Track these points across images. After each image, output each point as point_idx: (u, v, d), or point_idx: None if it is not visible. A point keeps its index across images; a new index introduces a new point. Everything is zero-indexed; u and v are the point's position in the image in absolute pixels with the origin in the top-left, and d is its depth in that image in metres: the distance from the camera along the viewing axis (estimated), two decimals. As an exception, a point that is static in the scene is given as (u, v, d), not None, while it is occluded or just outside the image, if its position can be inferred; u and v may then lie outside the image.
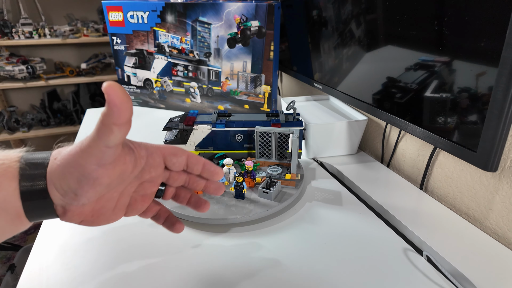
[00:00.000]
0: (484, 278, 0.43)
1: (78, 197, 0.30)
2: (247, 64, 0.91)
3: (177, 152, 0.36)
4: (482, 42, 0.41)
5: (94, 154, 0.28)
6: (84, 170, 0.28)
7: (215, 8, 0.88)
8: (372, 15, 0.60)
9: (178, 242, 0.50)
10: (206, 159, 0.38)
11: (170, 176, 0.37)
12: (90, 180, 0.29)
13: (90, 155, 0.28)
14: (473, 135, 0.44)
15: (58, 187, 0.29)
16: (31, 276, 0.44)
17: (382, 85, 0.61)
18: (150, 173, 0.35)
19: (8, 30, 1.93)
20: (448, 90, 0.48)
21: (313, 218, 0.55)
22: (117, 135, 0.27)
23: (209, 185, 0.39)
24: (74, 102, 2.22)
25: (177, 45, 0.97)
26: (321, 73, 0.83)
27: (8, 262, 1.70)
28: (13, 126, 2.07)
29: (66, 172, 0.29)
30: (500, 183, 0.52)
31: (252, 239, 0.51)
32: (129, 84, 1.10)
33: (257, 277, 0.44)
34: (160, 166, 0.35)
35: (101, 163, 0.28)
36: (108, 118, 0.27)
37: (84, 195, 0.30)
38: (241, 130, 0.66)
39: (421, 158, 0.67)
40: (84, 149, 0.28)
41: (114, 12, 1.00)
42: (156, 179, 0.36)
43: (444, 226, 0.53)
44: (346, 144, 0.76)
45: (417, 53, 0.52)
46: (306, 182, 0.66)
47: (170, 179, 0.37)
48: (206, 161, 0.38)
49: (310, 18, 0.82)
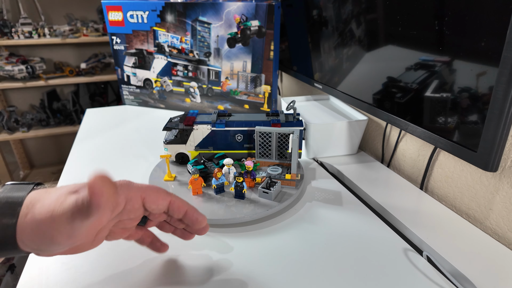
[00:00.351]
0: (485, 278, 0.43)
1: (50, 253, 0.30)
2: (247, 64, 0.91)
3: (158, 200, 0.35)
4: (482, 42, 0.41)
5: (64, 231, 0.28)
6: (54, 239, 0.28)
7: (215, 7, 0.88)
8: (372, 14, 0.60)
9: (178, 243, 0.50)
10: (191, 206, 0.37)
11: (150, 214, 0.37)
12: (60, 246, 0.29)
13: (60, 228, 0.28)
14: (473, 135, 0.44)
15: (29, 245, 0.29)
16: (31, 276, 0.44)
17: (382, 85, 0.61)
18: (128, 215, 0.35)
19: (8, 29, 1.93)
20: (449, 90, 0.47)
21: (313, 218, 0.55)
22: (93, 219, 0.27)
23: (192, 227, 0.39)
24: (73, 102, 2.21)
25: (177, 44, 0.97)
26: (321, 73, 0.83)
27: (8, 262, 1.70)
28: (12, 126, 2.07)
29: (35, 239, 0.28)
30: (500, 183, 0.52)
31: (252, 239, 0.51)
32: (129, 84, 1.10)
33: (257, 277, 0.44)
34: (140, 209, 0.35)
35: (72, 235, 0.28)
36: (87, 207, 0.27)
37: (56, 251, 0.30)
38: (241, 130, 0.66)
39: (421, 158, 0.67)
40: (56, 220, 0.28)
41: (113, 12, 1.00)
42: (136, 219, 0.36)
43: (444, 226, 0.53)
44: (346, 144, 0.76)
45: (417, 53, 0.52)
46: (306, 182, 0.66)
47: (151, 216, 0.38)
48: (190, 208, 0.37)
49: (310, 17, 0.82)
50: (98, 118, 1.04)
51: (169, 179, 0.63)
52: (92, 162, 0.76)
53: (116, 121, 1.01)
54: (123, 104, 1.16)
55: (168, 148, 0.68)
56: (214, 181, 0.57)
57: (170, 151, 0.68)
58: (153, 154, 0.79)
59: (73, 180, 0.68)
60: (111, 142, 0.86)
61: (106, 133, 0.92)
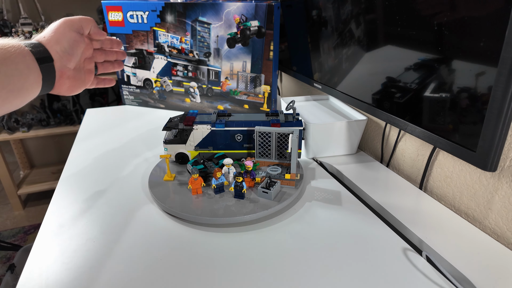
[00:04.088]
0: (484, 278, 0.43)
1: (68, 55, 0.47)
2: (246, 64, 0.91)
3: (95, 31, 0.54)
4: (481, 42, 0.41)
5: (78, 23, 0.49)
6: (70, 35, 0.48)
7: (214, 8, 0.88)
8: (371, 15, 0.60)
9: (178, 242, 0.50)
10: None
11: (94, 55, 0.56)
12: (74, 42, 0.48)
13: (73, 27, 0.48)
14: (472, 134, 0.44)
15: (58, 50, 0.46)
16: (31, 276, 0.44)
17: (381, 85, 0.61)
18: (88, 51, 0.54)
19: (8, 30, 1.93)
20: (448, 90, 0.48)
21: (313, 217, 0.56)
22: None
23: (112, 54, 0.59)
24: (74, 102, 2.21)
25: (176, 45, 0.97)
26: (321, 73, 0.83)
27: (8, 262, 1.70)
28: (12, 126, 2.07)
29: (60, 38, 0.46)
30: (499, 183, 0.52)
31: (252, 239, 0.51)
32: (129, 84, 1.10)
33: (256, 277, 0.44)
34: (90, 45, 0.54)
35: (80, 32, 0.49)
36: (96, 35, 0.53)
37: (74, 55, 0.48)
38: (241, 130, 0.66)
39: (420, 158, 0.67)
40: (69, 24, 0.48)
41: (113, 12, 1.00)
42: (91, 58, 0.56)
43: (443, 226, 0.53)
44: (346, 144, 0.76)
45: (416, 53, 0.52)
46: (306, 182, 0.67)
47: (96, 57, 0.57)
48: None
49: (310, 18, 0.82)
50: (98, 118, 1.05)
51: (169, 179, 0.63)
52: (92, 162, 0.76)
53: (116, 121, 1.01)
54: (123, 104, 1.16)
55: (168, 148, 0.68)
56: (213, 181, 0.58)
57: (170, 151, 0.68)
58: (153, 154, 0.79)
59: (73, 180, 0.68)
60: (111, 142, 0.87)
61: (106, 133, 0.92)
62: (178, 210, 0.54)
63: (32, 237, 1.83)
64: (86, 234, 0.52)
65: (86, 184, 0.67)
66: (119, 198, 0.61)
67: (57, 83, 0.47)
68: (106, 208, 0.59)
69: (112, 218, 0.56)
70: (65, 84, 0.48)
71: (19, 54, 0.40)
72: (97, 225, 0.54)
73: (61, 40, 0.46)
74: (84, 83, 0.53)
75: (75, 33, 0.48)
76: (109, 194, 0.63)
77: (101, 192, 0.64)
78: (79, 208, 0.59)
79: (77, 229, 0.53)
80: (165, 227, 0.54)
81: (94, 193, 0.64)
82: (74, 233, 0.52)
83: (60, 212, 0.58)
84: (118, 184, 0.66)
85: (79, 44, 0.49)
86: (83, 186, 0.66)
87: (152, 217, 0.56)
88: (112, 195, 0.62)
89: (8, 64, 0.39)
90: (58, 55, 0.46)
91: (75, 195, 0.63)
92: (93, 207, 0.59)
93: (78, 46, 0.49)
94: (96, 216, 0.56)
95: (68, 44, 0.47)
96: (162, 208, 0.57)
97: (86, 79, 0.53)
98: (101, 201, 0.61)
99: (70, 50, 0.47)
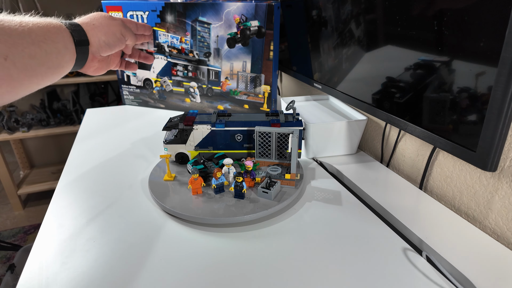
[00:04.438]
0: (484, 278, 0.43)
1: (108, 48, 0.53)
2: (246, 64, 0.91)
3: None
4: (481, 42, 0.41)
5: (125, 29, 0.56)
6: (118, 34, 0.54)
7: (214, 8, 0.88)
8: (371, 15, 0.60)
9: (178, 242, 0.50)
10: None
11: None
12: (118, 41, 0.54)
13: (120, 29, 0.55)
14: (472, 134, 0.44)
15: (102, 40, 0.51)
16: (31, 276, 0.44)
17: (381, 85, 0.61)
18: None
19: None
20: (448, 90, 0.48)
21: (313, 217, 0.56)
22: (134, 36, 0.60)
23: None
24: (74, 102, 2.21)
25: (176, 45, 0.97)
26: (321, 73, 0.83)
27: (8, 262, 1.70)
28: (12, 126, 2.07)
29: (108, 32, 0.52)
30: (499, 183, 0.52)
31: (252, 239, 0.51)
32: (129, 84, 1.10)
33: (256, 277, 0.44)
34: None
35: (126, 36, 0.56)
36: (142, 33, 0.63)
37: (113, 49, 0.54)
38: (241, 130, 0.66)
39: (420, 158, 0.67)
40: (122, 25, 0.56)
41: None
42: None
43: (443, 226, 0.53)
44: (346, 144, 0.76)
45: (416, 53, 0.52)
46: (306, 182, 0.67)
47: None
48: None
49: (310, 18, 0.82)
50: (98, 118, 1.05)
51: (169, 179, 0.63)
52: (92, 162, 0.76)
53: (116, 121, 1.01)
54: (123, 104, 1.16)
55: (168, 148, 0.68)
56: (213, 181, 0.58)
57: (170, 151, 0.68)
58: (153, 154, 0.79)
59: (73, 180, 0.68)
60: (111, 142, 0.87)
61: (106, 133, 0.92)
62: (178, 210, 0.54)
63: (32, 237, 1.83)
64: (86, 234, 0.52)
65: (86, 184, 0.67)
66: (119, 198, 0.61)
67: (87, 64, 0.52)
68: (106, 208, 0.59)
69: (112, 218, 0.56)
70: (93, 66, 0.54)
71: (59, 33, 0.44)
72: (97, 225, 0.54)
73: (109, 34, 0.52)
74: (109, 65, 0.60)
75: (122, 36, 0.55)
76: (109, 194, 0.63)
77: (101, 192, 0.64)
78: (79, 208, 0.59)
79: (77, 229, 0.53)
80: (165, 227, 0.54)
81: (94, 193, 0.64)
82: (74, 233, 0.52)
83: (60, 212, 0.58)
84: (118, 184, 0.66)
85: (121, 43, 0.55)
86: (83, 186, 0.66)
87: (152, 217, 0.56)
88: (112, 195, 0.62)
89: (48, 42, 0.42)
90: (99, 44, 0.51)
91: (75, 195, 0.63)
92: (93, 207, 0.59)
93: (120, 45, 0.55)
94: (96, 216, 0.56)
95: (113, 40, 0.53)
96: (162, 208, 0.57)
97: (111, 62, 0.60)
98: (101, 201, 0.61)
99: (112, 45, 0.53)
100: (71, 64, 0.47)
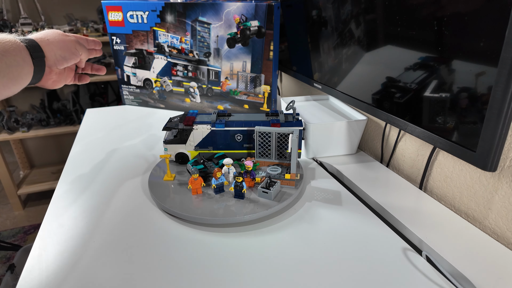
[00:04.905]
0: (483, 278, 0.43)
1: (64, 61, 0.56)
2: (246, 64, 0.91)
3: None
4: (481, 42, 0.41)
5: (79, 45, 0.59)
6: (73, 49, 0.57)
7: (214, 8, 0.88)
8: (371, 15, 0.60)
9: (178, 242, 0.50)
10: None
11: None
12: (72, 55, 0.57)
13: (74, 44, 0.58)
14: (472, 134, 0.44)
15: (58, 54, 0.54)
16: (31, 276, 0.44)
17: (381, 85, 0.61)
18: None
19: (8, 30, 1.93)
20: (448, 90, 0.48)
21: (313, 218, 0.56)
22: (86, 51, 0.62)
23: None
24: (73, 102, 2.21)
25: (176, 45, 0.97)
26: (321, 73, 0.83)
27: (8, 262, 1.70)
28: (12, 126, 2.07)
29: (64, 47, 0.55)
30: (499, 183, 0.52)
31: (252, 239, 0.51)
32: (129, 84, 1.10)
33: (256, 277, 0.44)
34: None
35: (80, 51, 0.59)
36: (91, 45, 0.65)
37: (68, 61, 0.56)
38: (241, 130, 0.66)
39: (420, 158, 0.67)
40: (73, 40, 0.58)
41: (113, 12, 1.00)
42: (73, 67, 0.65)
43: (443, 226, 0.53)
44: (346, 144, 0.76)
45: (416, 53, 0.52)
46: (306, 182, 0.67)
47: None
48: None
49: (310, 18, 0.82)
50: (98, 118, 1.05)
51: (169, 179, 0.63)
52: (92, 162, 0.76)
53: (116, 121, 1.01)
54: (123, 104, 1.16)
55: (168, 148, 0.68)
56: (213, 181, 0.58)
57: (170, 151, 0.68)
58: (153, 154, 0.79)
59: (73, 180, 0.68)
60: (111, 142, 0.87)
61: (106, 133, 0.92)
62: (178, 210, 0.54)
63: (32, 237, 1.83)
64: (86, 234, 0.52)
65: (86, 184, 0.67)
66: (119, 198, 0.61)
67: (44, 77, 0.55)
68: (106, 208, 0.59)
69: (112, 218, 0.56)
70: (51, 79, 0.57)
71: (16, 48, 0.47)
72: (97, 225, 0.54)
73: (64, 49, 0.56)
74: (65, 79, 0.63)
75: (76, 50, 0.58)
76: (109, 194, 0.63)
77: (101, 192, 0.64)
78: (79, 208, 0.59)
79: (77, 229, 0.53)
80: (165, 227, 0.54)
81: (94, 193, 0.64)
82: (74, 233, 0.52)
83: (60, 212, 0.58)
84: (118, 184, 0.66)
85: (76, 56, 0.59)
86: (83, 186, 0.66)
87: (152, 217, 0.56)
88: (112, 195, 0.62)
89: (8, 56, 0.46)
90: (55, 58, 0.54)
91: (75, 195, 0.63)
92: (93, 207, 0.59)
93: (75, 58, 0.59)
94: (96, 216, 0.56)
95: (68, 54, 0.56)
96: (162, 208, 0.57)
97: (68, 77, 0.63)
98: (101, 201, 0.61)
99: (68, 58, 0.56)
100: (29, 76, 0.50)
